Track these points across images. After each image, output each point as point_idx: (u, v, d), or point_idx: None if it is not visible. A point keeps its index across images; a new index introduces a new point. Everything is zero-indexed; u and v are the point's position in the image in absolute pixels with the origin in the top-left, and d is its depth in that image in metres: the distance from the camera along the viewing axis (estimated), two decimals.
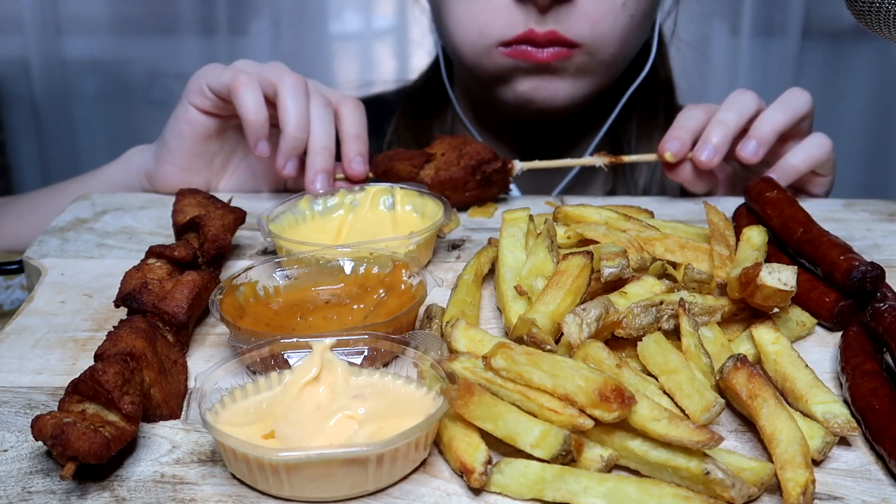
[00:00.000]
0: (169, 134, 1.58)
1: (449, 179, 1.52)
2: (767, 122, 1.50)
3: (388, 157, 1.57)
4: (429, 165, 1.55)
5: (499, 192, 1.58)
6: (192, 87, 1.53)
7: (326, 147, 1.49)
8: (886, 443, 0.92)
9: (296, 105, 1.46)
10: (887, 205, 1.59)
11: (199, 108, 1.53)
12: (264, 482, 0.88)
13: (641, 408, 0.88)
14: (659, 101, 1.91)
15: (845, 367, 1.03)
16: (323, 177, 1.49)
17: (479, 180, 1.53)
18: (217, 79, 1.49)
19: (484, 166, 1.53)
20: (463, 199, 1.55)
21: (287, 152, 1.48)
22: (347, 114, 1.54)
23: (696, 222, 1.37)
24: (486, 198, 1.57)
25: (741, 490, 0.85)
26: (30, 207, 1.76)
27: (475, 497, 0.89)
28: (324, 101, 1.51)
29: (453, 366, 0.97)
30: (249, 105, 1.45)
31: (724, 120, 1.51)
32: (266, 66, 1.52)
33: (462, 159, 1.53)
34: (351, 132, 1.53)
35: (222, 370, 0.97)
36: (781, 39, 3.48)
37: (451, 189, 1.52)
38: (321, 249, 1.24)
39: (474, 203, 1.56)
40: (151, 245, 1.21)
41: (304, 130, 1.47)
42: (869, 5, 1.30)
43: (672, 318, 1.06)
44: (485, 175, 1.53)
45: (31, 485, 0.91)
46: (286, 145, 1.48)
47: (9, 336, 1.17)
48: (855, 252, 1.19)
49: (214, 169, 1.62)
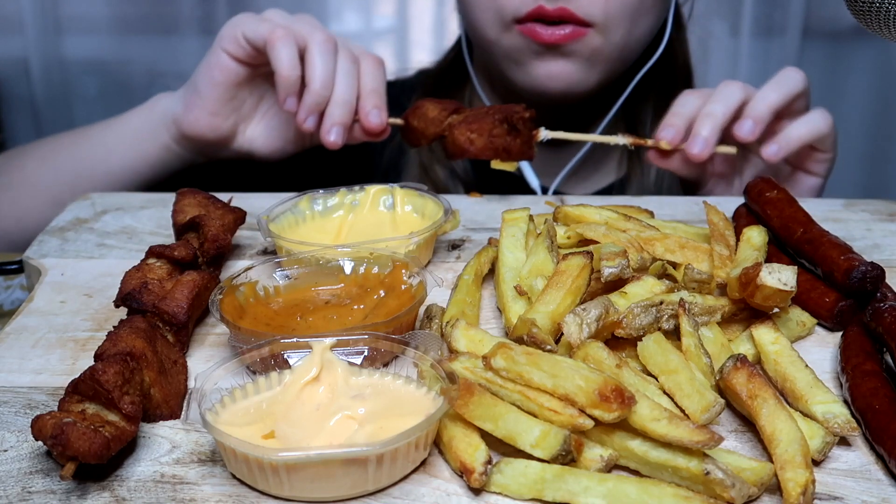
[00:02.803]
0: (199, 79, 1.60)
1: (476, 122, 1.56)
2: (762, 101, 1.53)
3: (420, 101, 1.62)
4: (458, 114, 1.59)
5: (521, 150, 1.58)
6: (226, 35, 1.56)
7: (347, 101, 1.53)
8: (886, 443, 0.92)
9: (323, 62, 1.51)
10: (887, 205, 1.59)
11: (232, 56, 1.56)
12: (264, 482, 0.88)
13: (641, 408, 0.88)
14: (676, 85, 1.90)
15: (845, 367, 1.03)
16: (338, 129, 1.54)
17: (507, 128, 1.55)
18: (254, 29, 1.52)
19: (513, 114, 1.55)
20: (488, 146, 1.56)
21: (310, 108, 1.53)
22: (367, 69, 1.57)
23: (696, 222, 1.37)
24: (511, 151, 1.57)
25: (741, 490, 0.85)
26: (53, 151, 1.76)
27: (475, 497, 0.89)
28: (350, 57, 1.55)
29: (453, 366, 0.97)
30: (285, 61, 1.50)
31: (712, 112, 1.52)
32: (298, 20, 1.55)
33: (492, 110, 1.58)
34: (369, 86, 1.56)
35: (222, 370, 0.97)
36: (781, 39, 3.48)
37: (477, 133, 1.55)
38: (321, 249, 1.24)
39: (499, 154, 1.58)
40: (151, 245, 1.21)
41: (328, 88, 1.52)
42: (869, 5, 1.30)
43: (672, 318, 1.06)
44: (511, 122, 1.55)
45: (31, 485, 0.91)
46: (309, 100, 1.52)
47: (9, 336, 1.17)
48: (855, 252, 1.19)
49: (242, 115, 1.65)
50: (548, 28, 1.63)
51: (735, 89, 1.54)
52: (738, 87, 1.55)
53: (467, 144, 1.57)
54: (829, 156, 1.62)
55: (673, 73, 1.90)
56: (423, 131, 1.60)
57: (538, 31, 1.63)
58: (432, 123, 1.59)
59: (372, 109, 1.55)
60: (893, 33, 1.32)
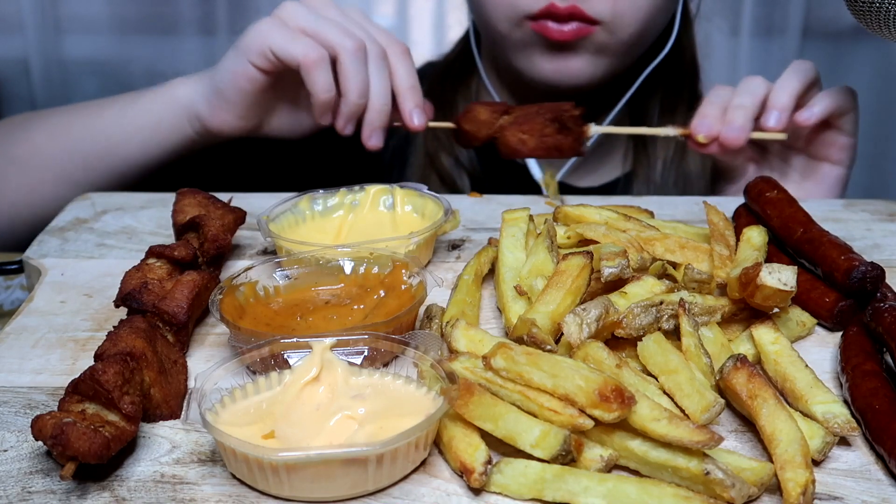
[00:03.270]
0: (225, 86, 1.57)
1: (526, 123, 1.57)
2: (782, 91, 1.57)
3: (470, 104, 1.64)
4: (508, 115, 1.60)
5: (572, 147, 1.59)
6: (253, 48, 1.52)
7: (384, 106, 1.55)
8: (886, 443, 0.92)
9: (356, 73, 1.51)
10: (887, 205, 1.59)
11: (260, 69, 1.54)
12: (264, 482, 0.88)
13: (641, 408, 0.88)
14: (683, 79, 1.92)
15: (845, 367, 1.03)
16: (378, 133, 1.57)
17: (557, 126, 1.56)
18: (285, 48, 1.49)
19: (562, 112, 1.56)
20: (540, 145, 1.58)
21: (348, 117, 1.55)
22: (399, 66, 1.57)
23: (696, 222, 1.37)
24: (563, 148, 1.58)
25: (741, 490, 0.85)
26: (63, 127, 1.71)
27: (475, 497, 0.89)
28: (380, 56, 1.54)
29: (453, 366, 0.97)
30: (321, 86, 1.51)
31: (741, 104, 1.57)
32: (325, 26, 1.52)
33: (542, 109, 1.58)
34: (405, 84, 1.57)
35: (222, 370, 0.97)
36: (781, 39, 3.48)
37: (528, 133, 1.57)
38: (321, 249, 1.24)
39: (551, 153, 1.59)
40: (151, 245, 1.21)
41: (364, 96, 1.53)
42: (869, 5, 1.30)
43: (672, 318, 1.06)
44: (562, 121, 1.55)
45: (31, 485, 0.91)
46: (348, 111, 1.54)
47: (9, 336, 1.17)
48: (855, 252, 1.19)
49: (269, 110, 1.66)
50: (558, 25, 1.64)
51: (759, 82, 1.60)
52: (761, 80, 1.61)
53: (519, 145, 1.58)
54: (850, 141, 1.64)
55: (680, 68, 1.91)
56: (475, 134, 1.62)
57: (549, 28, 1.65)
58: (484, 126, 1.60)
59: (413, 110, 1.57)
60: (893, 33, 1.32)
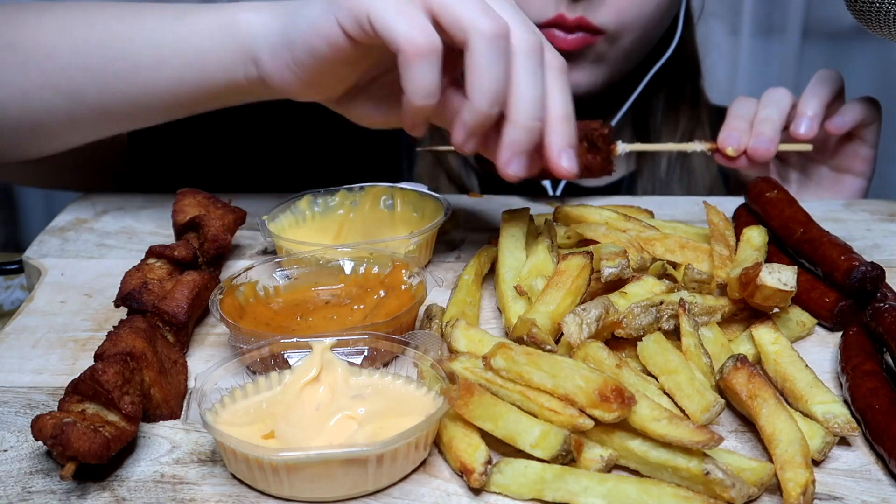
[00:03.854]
0: (300, 41, 1.17)
1: None
2: (812, 98, 1.56)
3: None
4: None
5: (602, 166, 1.58)
6: (350, 5, 1.09)
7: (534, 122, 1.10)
8: (886, 443, 0.92)
9: (493, 66, 1.06)
10: (887, 205, 1.59)
11: (347, 33, 1.12)
12: (264, 482, 0.88)
13: (641, 408, 0.88)
14: (685, 80, 1.92)
15: (845, 367, 1.03)
16: (521, 160, 1.12)
17: (587, 146, 1.55)
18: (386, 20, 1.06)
19: (591, 132, 1.55)
20: None
21: (472, 129, 1.11)
22: (554, 83, 1.13)
23: (696, 222, 1.37)
24: (592, 168, 1.58)
25: (741, 490, 0.85)
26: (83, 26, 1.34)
27: (475, 497, 0.89)
28: (535, 54, 1.10)
29: (453, 366, 0.97)
30: (420, 86, 1.07)
31: (768, 117, 1.56)
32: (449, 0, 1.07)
33: None
34: (558, 111, 1.13)
35: (222, 370, 0.97)
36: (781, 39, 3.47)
37: None
38: (321, 249, 1.24)
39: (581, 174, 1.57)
40: (151, 245, 1.22)
41: (500, 102, 1.09)
42: (869, 5, 1.30)
43: (672, 318, 1.06)
44: (591, 140, 1.55)
45: (31, 485, 0.91)
46: (472, 121, 1.09)
47: (9, 336, 1.17)
48: (855, 252, 1.19)
49: (343, 88, 1.26)
50: (564, 34, 1.63)
51: (783, 93, 1.59)
52: (785, 92, 1.60)
53: None
54: (872, 152, 1.64)
55: (682, 67, 1.91)
56: None
57: (557, 37, 1.63)
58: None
59: (565, 150, 1.13)
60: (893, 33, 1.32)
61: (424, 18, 1.07)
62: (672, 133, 1.87)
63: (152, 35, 1.29)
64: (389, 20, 1.06)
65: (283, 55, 1.20)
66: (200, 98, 1.32)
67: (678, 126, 1.88)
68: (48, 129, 1.36)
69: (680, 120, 1.88)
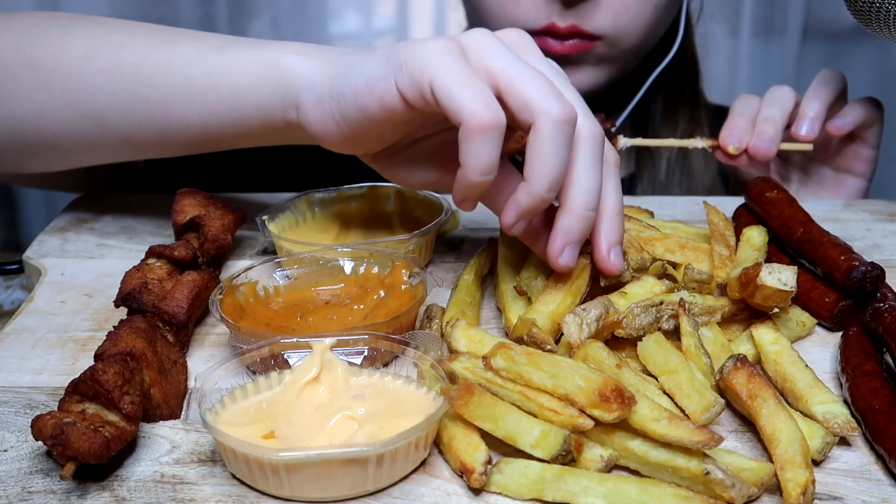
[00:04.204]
0: (351, 96, 1.10)
1: None
2: (814, 99, 1.56)
3: None
4: None
5: None
6: (408, 70, 1.03)
7: (590, 213, 1.07)
8: (886, 443, 0.92)
9: (556, 152, 1.02)
10: (887, 205, 1.59)
11: (405, 98, 1.05)
12: (264, 482, 0.88)
13: (641, 408, 0.88)
14: (685, 79, 1.91)
15: (845, 367, 1.03)
16: (573, 249, 1.08)
17: None
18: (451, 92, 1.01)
19: None
20: None
21: (526, 211, 1.05)
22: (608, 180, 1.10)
23: (696, 222, 1.37)
24: None
25: (741, 490, 0.85)
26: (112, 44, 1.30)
27: (475, 497, 0.89)
28: (597, 144, 1.07)
29: (453, 366, 0.97)
30: (480, 162, 1.01)
31: (770, 116, 1.56)
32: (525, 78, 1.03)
33: None
34: (611, 205, 1.09)
35: (222, 370, 0.97)
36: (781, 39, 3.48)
37: None
38: (321, 249, 1.24)
39: None
40: (151, 245, 1.21)
41: (556, 188, 1.04)
42: (869, 5, 1.30)
43: (672, 318, 1.06)
44: None
45: (31, 485, 0.91)
46: (529, 203, 1.04)
47: (9, 336, 1.17)
48: (855, 252, 1.19)
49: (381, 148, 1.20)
50: (559, 41, 1.63)
51: (786, 92, 1.59)
52: (788, 90, 1.59)
53: None
54: (874, 153, 1.64)
55: (682, 68, 1.90)
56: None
57: (550, 45, 1.63)
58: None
59: (615, 246, 1.09)
60: (893, 33, 1.32)
61: (490, 93, 1.02)
62: (671, 134, 1.87)
63: (186, 65, 1.23)
64: (455, 91, 1.01)
65: (329, 106, 1.13)
66: (231, 135, 1.26)
67: (677, 128, 1.87)
68: (65, 149, 1.32)
69: (679, 121, 1.87)
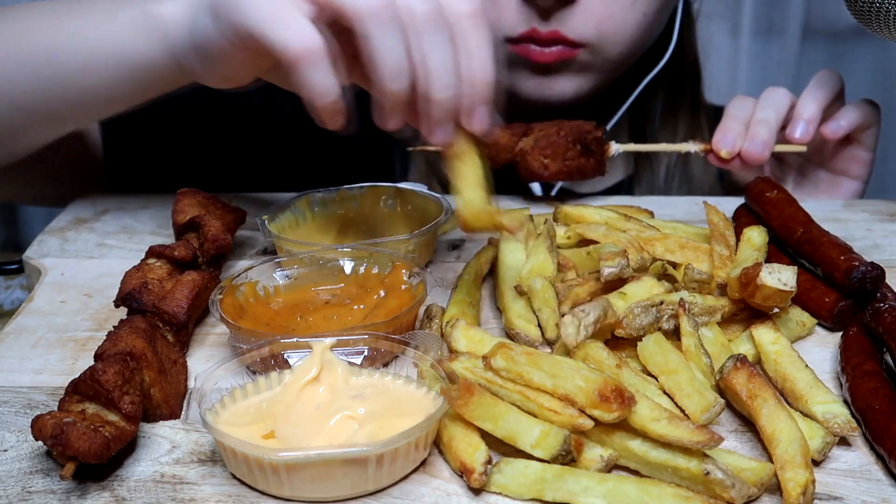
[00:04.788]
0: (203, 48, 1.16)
1: (549, 146, 1.54)
2: (810, 101, 1.55)
3: None
4: (528, 137, 1.57)
5: (595, 168, 1.57)
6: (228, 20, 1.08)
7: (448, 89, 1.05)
8: (886, 443, 0.92)
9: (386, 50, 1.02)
10: (887, 205, 1.59)
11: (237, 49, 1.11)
12: (264, 482, 0.88)
13: (641, 408, 0.88)
14: (685, 83, 1.89)
15: (845, 367, 1.03)
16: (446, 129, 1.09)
17: (580, 149, 1.55)
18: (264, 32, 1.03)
19: (584, 135, 1.54)
20: (563, 169, 1.56)
21: (389, 110, 1.08)
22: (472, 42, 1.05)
23: (696, 222, 1.37)
24: (585, 171, 1.57)
25: (741, 490, 0.85)
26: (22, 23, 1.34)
27: (475, 497, 0.89)
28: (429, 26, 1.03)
29: (453, 366, 0.97)
30: (315, 90, 1.04)
31: (765, 119, 1.55)
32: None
33: (562, 130, 1.56)
34: (476, 71, 1.05)
35: (222, 370, 0.97)
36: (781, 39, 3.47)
37: (552, 157, 1.55)
38: (321, 249, 1.24)
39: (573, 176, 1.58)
40: (151, 245, 1.21)
41: (407, 78, 1.04)
42: (869, 5, 1.30)
43: (672, 318, 1.06)
44: (585, 143, 1.54)
45: (31, 485, 0.91)
46: (385, 102, 1.07)
47: (9, 336, 1.17)
48: (855, 252, 1.19)
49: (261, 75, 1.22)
50: (540, 48, 1.60)
51: (782, 94, 1.58)
52: (784, 92, 1.58)
53: (541, 170, 1.56)
54: (870, 156, 1.63)
55: (682, 70, 1.88)
56: (494, 158, 1.56)
57: (531, 52, 1.60)
58: (503, 150, 1.56)
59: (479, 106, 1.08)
60: (893, 33, 1.32)
61: (301, 20, 1.03)
62: (670, 138, 1.84)
63: (82, 37, 1.27)
64: (266, 30, 1.03)
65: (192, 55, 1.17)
66: (136, 93, 1.31)
67: (677, 131, 1.85)
68: None
69: (679, 125, 1.85)
